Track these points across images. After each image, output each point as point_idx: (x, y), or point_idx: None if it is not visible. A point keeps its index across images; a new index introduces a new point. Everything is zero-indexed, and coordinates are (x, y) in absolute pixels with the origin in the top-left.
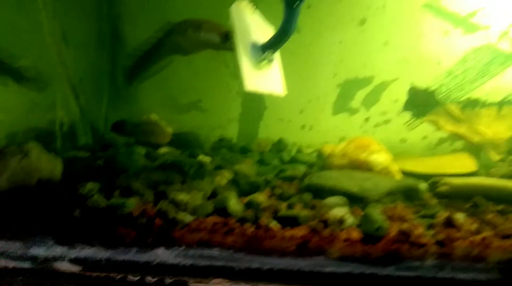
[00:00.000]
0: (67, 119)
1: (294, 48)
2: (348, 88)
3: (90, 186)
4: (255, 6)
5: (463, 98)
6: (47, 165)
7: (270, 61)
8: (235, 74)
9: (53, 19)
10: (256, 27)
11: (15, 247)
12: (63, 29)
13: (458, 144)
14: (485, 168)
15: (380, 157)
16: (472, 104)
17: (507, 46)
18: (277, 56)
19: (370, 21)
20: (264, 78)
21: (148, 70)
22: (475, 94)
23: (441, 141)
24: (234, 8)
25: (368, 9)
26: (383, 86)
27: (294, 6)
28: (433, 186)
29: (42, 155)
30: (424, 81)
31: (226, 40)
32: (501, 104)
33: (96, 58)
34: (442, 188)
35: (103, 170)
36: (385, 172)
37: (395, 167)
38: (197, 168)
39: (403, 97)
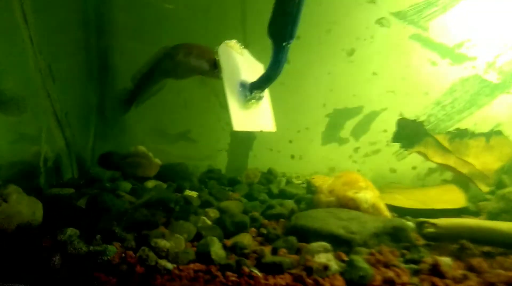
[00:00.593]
0: (52, 153)
1: (283, 78)
2: (337, 118)
3: (70, 232)
4: (243, 45)
5: (451, 128)
6: (27, 209)
7: (259, 99)
8: (224, 104)
9: (39, 52)
10: (244, 65)
11: None
12: (49, 62)
13: (448, 174)
14: (474, 200)
15: (367, 194)
16: (461, 135)
17: (494, 77)
18: (266, 92)
19: (358, 52)
20: (253, 117)
21: (144, 94)
22: (463, 125)
23: (431, 171)
24: (221, 48)
25: (357, 40)
26: (372, 116)
27: (282, 46)
28: (420, 226)
29: (22, 198)
30: (412, 111)
31: (214, 68)
32: (489, 135)
33: (83, 90)
34: (429, 230)
35: (85, 212)
36: (372, 209)
37: (382, 204)
38: (182, 205)
39: (392, 127)
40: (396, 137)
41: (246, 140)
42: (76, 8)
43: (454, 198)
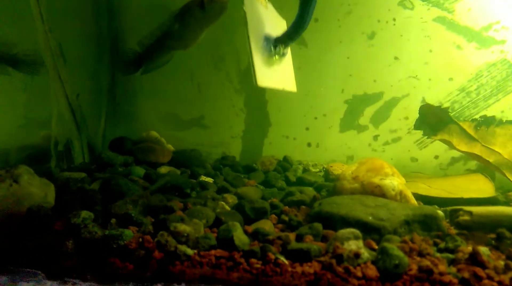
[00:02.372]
0: (63, 137)
1: (300, 63)
2: (356, 105)
3: (84, 214)
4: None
5: (477, 116)
6: (38, 190)
7: (283, 55)
8: (238, 89)
9: (49, 32)
10: (268, 20)
11: (2, 281)
12: (59, 41)
13: (471, 164)
14: (502, 190)
15: (394, 181)
16: (487, 123)
17: None
18: (288, 51)
19: (379, 35)
20: (276, 74)
21: (154, 62)
22: (489, 112)
23: (454, 160)
24: (247, 1)
25: (378, 23)
26: (392, 103)
27: (310, 1)
28: (453, 214)
29: (33, 179)
30: (435, 98)
31: (202, 7)
32: None
33: (94, 73)
34: (464, 218)
35: (98, 195)
36: (399, 197)
37: (409, 192)
38: (198, 191)
39: (413, 114)
40: (418, 124)
41: (261, 127)
42: None
43: (482, 187)
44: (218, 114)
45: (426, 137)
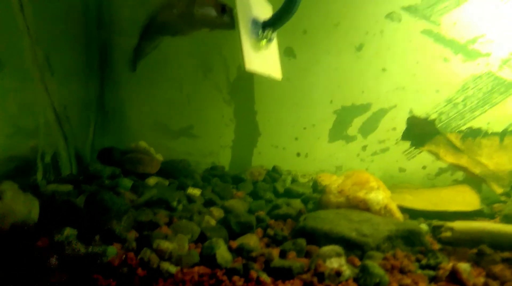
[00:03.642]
0: (50, 148)
1: (290, 74)
2: (344, 115)
3: (68, 231)
4: None
5: (463, 127)
6: (22, 207)
7: (270, 40)
8: (227, 99)
9: (36, 45)
10: (256, 4)
11: None
12: (47, 54)
13: (459, 174)
14: (488, 201)
15: (378, 195)
16: (473, 134)
17: (508, 74)
18: (275, 37)
19: (367, 47)
20: (264, 59)
21: (138, 51)
22: (476, 124)
23: (441, 171)
24: None
25: (366, 35)
26: (380, 114)
27: None
28: (435, 230)
29: (18, 196)
30: (423, 109)
31: (223, 13)
32: (503, 134)
33: (83, 84)
34: (445, 234)
35: (83, 211)
36: (384, 211)
37: (394, 205)
38: (185, 204)
39: (401, 125)
40: (406, 135)
41: (250, 136)
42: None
43: (468, 199)
44: (208, 124)
45: (414, 147)
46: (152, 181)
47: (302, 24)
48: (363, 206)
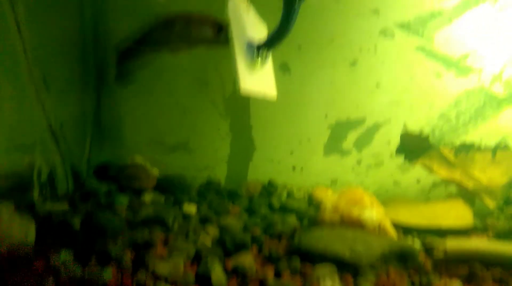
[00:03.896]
0: (46, 166)
1: (284, 88)
2: (339, 129)
3: (64, 255)
4: (249, 2)
5: (456, 142)
6: (19, 230)
7: (264, 60)
8: (223, 113)
9: (32, 65)
10: (250, 23)
11: None
12: (43, 73)
13: (453, 188)
14: (480, 215)
15: (373, 213)
16: (466, 149)
17: (500, 89)
18: (269, 56)
19: (361, 62)
20: (258, 80)
21: (129, 66)
22: (469, 138)
23: (435, 184)
24: (231, 4)
25: (360, 51)
26: (375, 128)
27: (295, 2)
28: (428, 248)
29: (14, 219)
30: (416, 123)
31: (219, 32)
32: (495, 149)
33: (79, 100)
34: (438, 254)
35: (79, 232)
36: (378, 229)
37: (388, 223)
38: (181, 222)
39: (395, 139)
40: (400, 150)
41: (246, 150)
42: (73, 17)
43: (461, 214)
44: (204, 138)
45: (408, 161)
46: (148, 196)
47: (297, 40)
48: (358, 224)
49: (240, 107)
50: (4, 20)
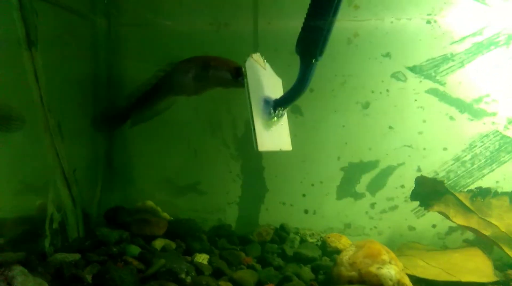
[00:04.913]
0: (59, 213)
1: (297, 131)
2: (352, 172)
3: None
4: (265, 59)
5: (472, 186)
6: None
7: (280, 117)
8: (234, 155)
9: (48, 111)
10: (267, 81)
11: None
12: (58, 120)
13: (469, 233)
14: (500, 264)
15: (391, 270)
16: (483, 194)
17: None
18: (285, 113)
19: (374, 105)
20: (274, 136)
21: (146, 112)
22: (485, 183)
23: (451, 230)
24: (248, 63)
25: (372, 93)
26: (388, 171)
27: (312, 63)
28: None
29: (28, 281)
30: (431, 167)
31: (237, 76)
32: None
33: (92, 143)
34: None
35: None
36: None
37: (407, 280)
38: (193, 276)
39: (409, 183)
40: (415, 195)
41: (257, 193)
42: (87, 62)
43: (481, 266)
44: (215, 180)
45: (423, 208)
46: (159, 243)
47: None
48: (376, 282)
49: (252, 148)
50: (22, 68)
